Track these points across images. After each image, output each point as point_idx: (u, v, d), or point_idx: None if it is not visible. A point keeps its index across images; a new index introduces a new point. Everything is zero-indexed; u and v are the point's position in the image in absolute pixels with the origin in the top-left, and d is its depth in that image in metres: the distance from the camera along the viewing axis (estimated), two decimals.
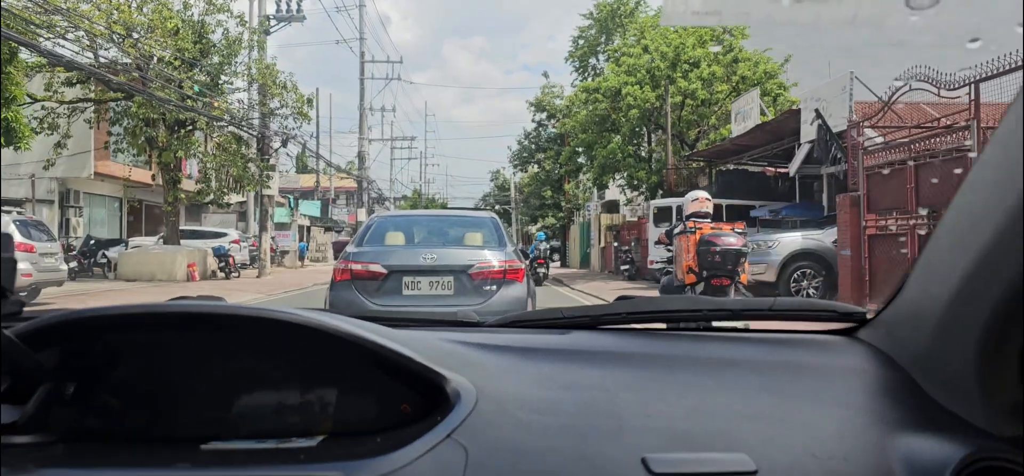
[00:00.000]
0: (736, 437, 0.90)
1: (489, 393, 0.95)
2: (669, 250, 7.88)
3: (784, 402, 1.00)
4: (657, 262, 18.16)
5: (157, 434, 1.01)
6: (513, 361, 1.11)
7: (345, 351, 0.98)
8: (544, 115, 39.24)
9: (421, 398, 0.97)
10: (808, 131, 12.64)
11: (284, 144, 25.28)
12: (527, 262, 7.08)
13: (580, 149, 26.95)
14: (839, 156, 10.69)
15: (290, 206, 37.50)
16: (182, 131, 21.55)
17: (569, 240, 39.41)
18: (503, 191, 73.50)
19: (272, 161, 24.43)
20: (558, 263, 40.95)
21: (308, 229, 45.32)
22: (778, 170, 18.14)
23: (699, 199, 7.75)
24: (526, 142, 40.64)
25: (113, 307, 0.98)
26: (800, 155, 13.54)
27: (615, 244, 23.82)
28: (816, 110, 11.37)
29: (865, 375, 1.08)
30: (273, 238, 34.84)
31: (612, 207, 34.86)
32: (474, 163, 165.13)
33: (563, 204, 38.80)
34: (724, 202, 16.97)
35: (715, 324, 1.32)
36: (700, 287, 7.23)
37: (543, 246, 21.33)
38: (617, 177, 24.96)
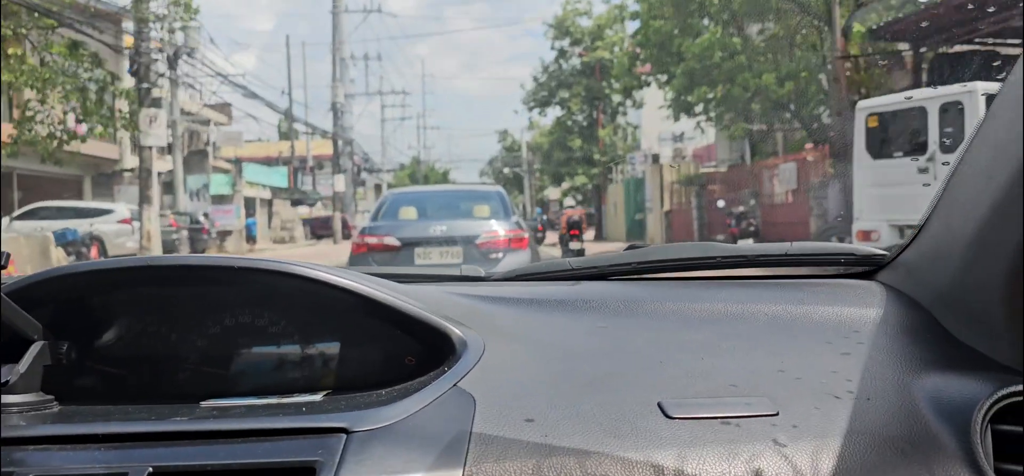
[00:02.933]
0: (754, 382, 0.88)
1: (497, 343, 0.95)
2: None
3: (802, 345, 0.97)
4: (880, 225, 8.84)
5: (155, 392, 1.01)
6: (521, 311, 1.08)
7: (347, 305, 0.97)
8: (567, 41, 29.66)
9: (427, 351, 0.97)
10: None
11: (172, 65, 15.82)
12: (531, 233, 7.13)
13: (639, 57, 17.34)
14: None
15: (235, 173, 28.00)
16: None
17: (606, 205, 29.97)
18: (512, 152, 64.13)
19: (153, 90, 14.90)
20: (591, 235, 31.57)
21: (269, 202, 36.11)
22: None
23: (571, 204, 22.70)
24: (544, 78, 30.99)
25: (108, 261, 0.98)
26: None
27: (721, 204, 14.47)
28: None
29: (886, 317, 1.03)
30: (206, 215, 25.77)
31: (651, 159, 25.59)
32: (479, 127, 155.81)
33: (597, 157, 29.32)
34: None
35: (729, 271, 1.28)
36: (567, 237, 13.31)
37: (543, 218, 22.43)
38: (711, 96, 15.36)
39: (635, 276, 1.28)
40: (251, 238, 29.23)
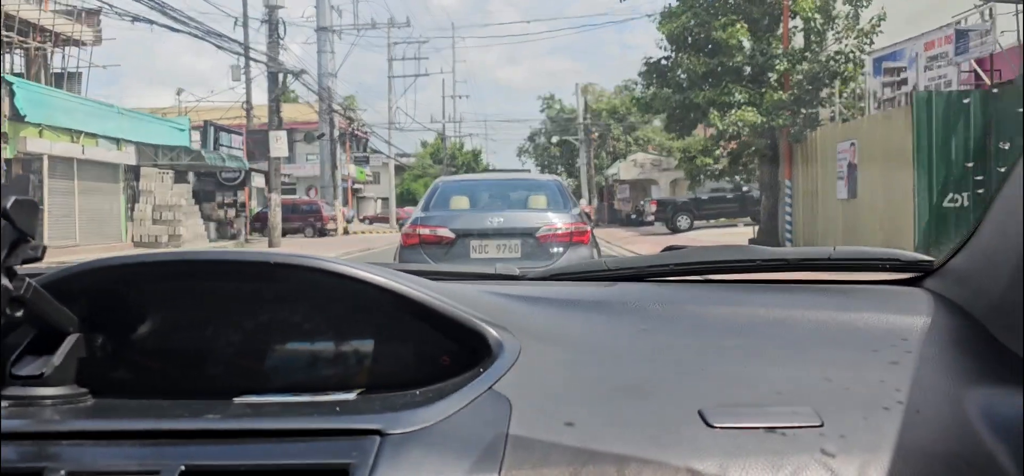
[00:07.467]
0: (799, 390, 0.86)
1: (533, 344, 0.94)
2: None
3: (848, 354, 0.95)
4: None
5: (189, 386, 1.00)
6: (557, 312, 1.07)
7: (382, 303, 0.97)
8: None
9: (462, 351, 0.96)
10: None
11: None
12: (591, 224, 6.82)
13: None
14: None
15: None
16: None
17: (793, 178, 13.72)
18: (559, 123, 48.15)
19: None
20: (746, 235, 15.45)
21: (134, 171, 20.62)
22: None
23: (583, 204, 13.25)
24: None
25: (142, 255, 0.99)
26: None
27: None
28: None
29: (934, 325, 1.01)
30: None
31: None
32: (518, 121, 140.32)
33: (781, 67, 13.08)
34: None
35: (770, 275, 1.26)
36: None
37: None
38: None
39: (673, 278, 1.27)
40: None
